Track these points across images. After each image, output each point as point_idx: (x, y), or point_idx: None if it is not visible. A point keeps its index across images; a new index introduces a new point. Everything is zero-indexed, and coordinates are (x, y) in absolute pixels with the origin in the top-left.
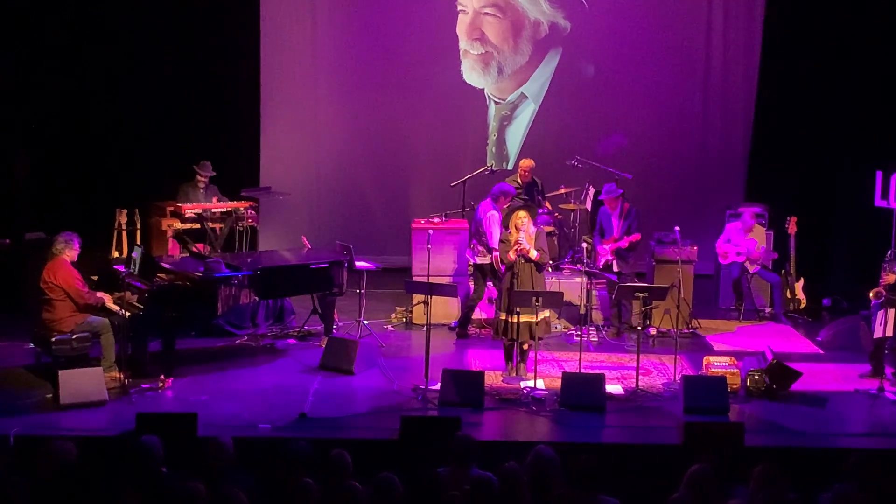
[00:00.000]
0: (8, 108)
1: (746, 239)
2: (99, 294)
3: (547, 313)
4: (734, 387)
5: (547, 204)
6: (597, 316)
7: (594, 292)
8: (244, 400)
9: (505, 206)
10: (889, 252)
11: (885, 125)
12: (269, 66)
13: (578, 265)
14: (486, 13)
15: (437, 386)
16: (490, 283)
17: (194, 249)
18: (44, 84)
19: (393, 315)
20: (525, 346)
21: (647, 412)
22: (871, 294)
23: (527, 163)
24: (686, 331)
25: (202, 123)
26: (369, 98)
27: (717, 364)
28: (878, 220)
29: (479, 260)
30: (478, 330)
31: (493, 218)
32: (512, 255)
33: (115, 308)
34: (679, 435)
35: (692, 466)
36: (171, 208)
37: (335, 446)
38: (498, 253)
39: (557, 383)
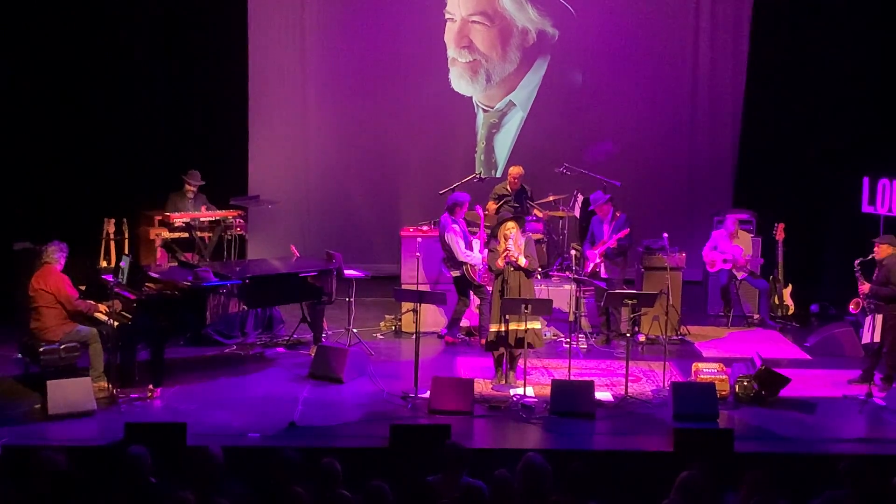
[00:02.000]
0: None
1: (732, 245)
2: (89, 301)
3: (537, 325)
4: (723, 393)
5: (536, 211)
6: (586, 323)
7: (583, 300)
8: (233, 409)
9: (476, 212)
10: (857, 262)
11: (872, 131)
12: (257, 75)
13: (567, 272)
14: (474, 21)
15: (427, 394)
16: (472, 293)
17: (183, 258)
18: (32, 94)
19: (382, 323)
20: (515, 354)
21: (636, 419)
22: (850, 306)
23: (516, 170)
24: (675, 337)
25: (190, 132)
26: (357, 106)
27: (706, 370)
28: (865, 226)
29: (454, 273)
30: (466, 337)
31: (453, 231)
32: (500, 263)
33: (104, 318)
34: (669, 441)
35: (682, 473)
36: (160, 217)
37: (325, 455)
38: (468, 265)
39: (547, 391)
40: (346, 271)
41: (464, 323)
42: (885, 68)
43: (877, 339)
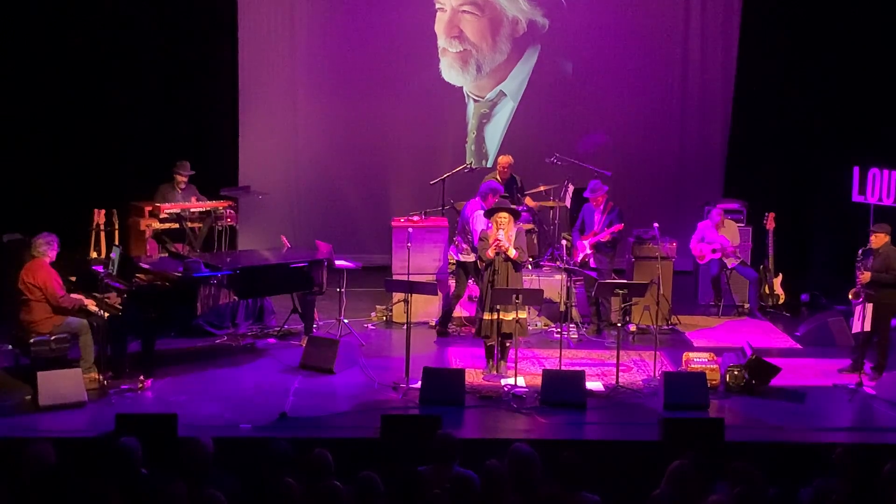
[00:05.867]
0: None
1: (719, 235)
2: (75, 297)
3: (524, 314)
4: (714, 383)
5: (527, 200)
6: (577, 313)
7: (573, 289)
8: (224, 400)
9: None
10: (860, 251)
11: (863, 121)
12: (247, 65)
13: (558, 262)
14: (465, 11)
15: (418, 384)
16: (472, 281)
17: (173, 249)
18: (20, 84)
19: (373, 314)
20: (507, 344)
21: (627, 409)
22: (850, 295)
23: (505, 159)
24: (666, 327)
25: (181, 123)
26: (348, 97)
27: (697, 360)
28: (855, 215)
29: (463, 258)
30: (458, 328)
31: (479, 216)
32: (490, 253)
33: (95, 309)
34: (659, 431)
35: (673, 462)
36: (150, 208)
37: (316, 446)
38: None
39: (538, 381)
40: (337, 262)
41: (457, 313)
42: (876, 58)
43: (867, 327)
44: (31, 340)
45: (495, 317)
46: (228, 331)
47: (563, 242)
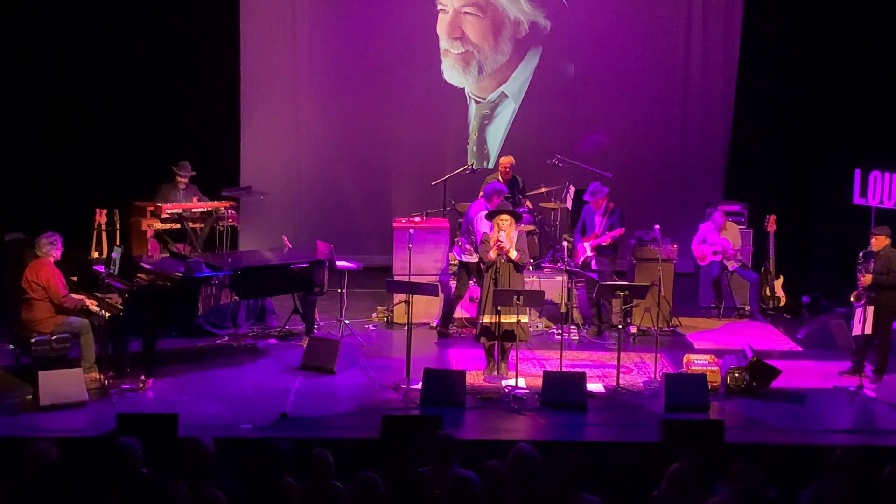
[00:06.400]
0: None
1: (721, 238)
2: (77, 297)
3: (525, 318)
4: (714, 384)
5: (528, 203)
6: (577, 315)
7: (574, 291)
8: (225, 400)
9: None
10: (861, 253)
11: (864, 124)
12: (249, 66)
13: (559, 263)
14: (467, 12)
15: (419, 385)
16: (473, 282)
17: (175, 249)
18: (23, 84)
19: (374, 314)
20: (507, 345)
21: (628, 410)
22: (852, 298)
23: (507, 160)
24: (666, 329)
25: (182, 123)
26: (349, 97)
27: (698, 362)
28: (856, 218)
29: (466, 258)
30: (459, 329)
31: (482, 217)
32: (492, 255)
33: (96, 309)
34: (660, 433)
35: (673, 464)
36: (152, 208)
37: (317, 446)
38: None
39: (539, 382)
40: (339, 262)
41: (458, 314)
42: (877, 60)
43: (868, 330)
44: (33, 340)
45: (496, 319)
46: (229, 331)
47: (564, 244)
